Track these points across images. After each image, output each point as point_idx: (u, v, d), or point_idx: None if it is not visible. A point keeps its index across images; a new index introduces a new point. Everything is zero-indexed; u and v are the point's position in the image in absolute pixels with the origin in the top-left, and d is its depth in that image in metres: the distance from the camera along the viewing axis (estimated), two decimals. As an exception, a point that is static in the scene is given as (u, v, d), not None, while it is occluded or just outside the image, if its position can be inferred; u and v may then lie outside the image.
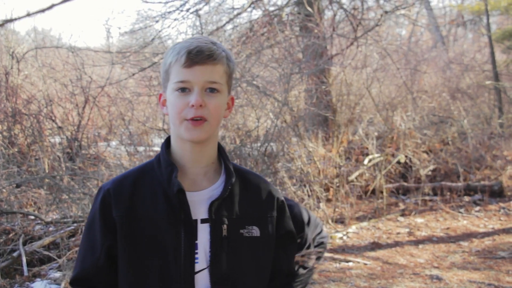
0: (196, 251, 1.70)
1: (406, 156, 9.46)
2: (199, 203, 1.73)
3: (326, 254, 6.57)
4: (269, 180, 3.82)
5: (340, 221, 8.04)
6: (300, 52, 10.24)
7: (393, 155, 9.49)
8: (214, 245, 1.71)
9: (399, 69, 11.18)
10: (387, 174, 9.41)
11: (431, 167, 9.35)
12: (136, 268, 1.69)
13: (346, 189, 8.67)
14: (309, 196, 7.69)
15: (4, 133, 8.88)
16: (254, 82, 8.40)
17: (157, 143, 10.19)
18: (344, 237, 7.43)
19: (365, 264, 6.41)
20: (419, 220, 8.29)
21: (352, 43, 10.98)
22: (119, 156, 9.22)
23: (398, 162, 9.48)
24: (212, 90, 1.68)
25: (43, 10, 7.99)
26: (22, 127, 8.71)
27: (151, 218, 1.70)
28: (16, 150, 8.32)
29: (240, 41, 9.47)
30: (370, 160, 9.26)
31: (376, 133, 10.20)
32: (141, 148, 9.66)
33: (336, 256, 6.62)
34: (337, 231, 7.56)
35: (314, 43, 9.42)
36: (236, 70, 8.33)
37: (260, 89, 8.17)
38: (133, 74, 9.94)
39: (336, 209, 8.32)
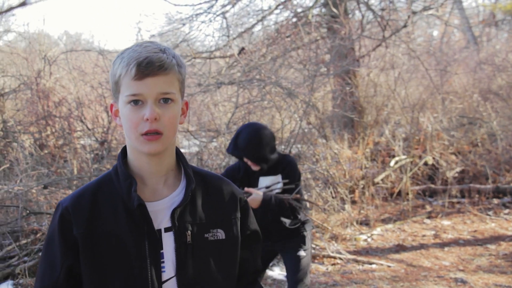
0: (162, 260, 1.68)
1: (433, 158, 9.34)
2: (161, 212, 1.70)
3: (349, 256, 6.55)
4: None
5: (365, 223, 7.98)
6: (326, 54, 10.21)
7: (420, 157, 9.38)
8: (180, 253, 1.69)
9: (427, 70, 11.04)
10: (414, 176, 9.31)
11: (458, 169, 9.21)
12: (101, 284, 1.65)
13: (372, 191, 8.60)
14: (333, 197, 7.65)
15: (36, 135, 9.08)
16: (280, 83, 8.39)
17: (185, 144, 10.25)
18: (369, 239, 7.38)
19: (389, 266, 6.35)
20: (446, 222, 8.17)
21: (379, 44, 10.90)
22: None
23: (425, 164, 9.37)
24: (166, 100, 1.64)
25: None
26: (53, 129, 8.86)
27: (113, 233, 1.66)
28: (46, 151, 8.48)
29: (264, 43, 9.48)
30: (396, 162, 9.17)
31: (403, 135, 10.11)
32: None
33: (359, 258, 6.56)
34: (361, 233, 7.51)
35: (340, 45, 9.36)
36: (261, 72, 8.37)
37: (285, 91, 8.15)
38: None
39: (361, 211, 8.27)
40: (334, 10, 9.98)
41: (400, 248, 7.08)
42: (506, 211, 8.67)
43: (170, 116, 1.63)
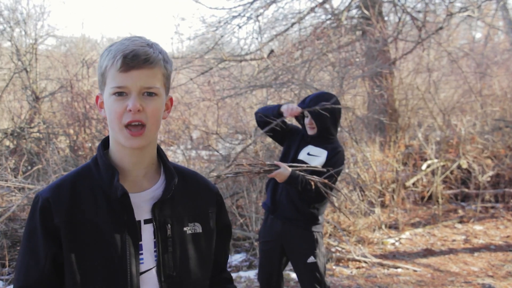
0: (140, 251, 1.70)
1: (467, 162, 9.16)
2: (141, 204, 1.72)
3: (374, 260, 6.49)
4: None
5: (394, 227, 7.88)
6: (360, 56, 10.15)
7: (454, 161, 9.21)
8: (159, 245, 1.71)
9: (463, 72, 10.83)
10: (446, 180, 9.15)
11: (491, 173, 9.01)
12: (81, 272, 1.66)
13: (403, 194, 8.49)
14: (361, 200, 7.58)
15: (73, 137, 9.29)
16: (311, 85, 8.37)
17: (221, 147, 10.32)
18: (396, 243, 7.27)
19: (415, 271, 6.25)
20: (478, 227, 8.01)
21: (415, 47, 10.75)
22: (182, 161, 9.35)
23: (459, 168, 9.20)
24: (150, 94, 1.65)
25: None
26: (87, 131, 9.05)
27: (93, 222, 1.67)
28: (80, 153, 8.67)
29: (296, 46, 9.47)
30: (428, 166, 9.03)
31: (438, 138, 9.95)
32: (204, 153, 9.84)
33: (385, 262, 6.47)
34: (389, 237, 7.42)
35: (370, 47, 9.29)
36: (292, 74, 8.37)
37: (316, 90, 8.11)
38: (191, 79, 10.11)
39: (391, 215, 8.17)
40: (366, 12, 9.91)
41: (428, 252, 6.97)
42: (542, 216, 8.44)
43: (153, 109, 1.65)
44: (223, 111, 9.79)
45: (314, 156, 3.88)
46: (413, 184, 8.94)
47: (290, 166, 3.75)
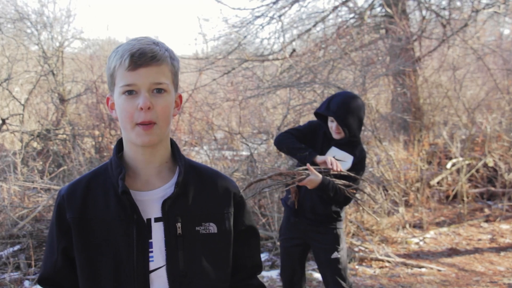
0: (151, 249, 1.71)
1: (493, 160, 9.03)
2: (152, 202, 1.73)
3: (398, 259, 6.44)
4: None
5: (418, 226, 7.80)
6: (383, 54, 10.08)
7: (479, 159, 9.09)
8: (169, 244, 1.72)
9: (489, 69, 10.68)
10: (472, 178, 9.03)
11: (517, 171, 8.87)
12: (90, 268, 1.71)
13: (427, 193, 8.40)
14: (385, 199, 7.52)
15: (99, 139, 9.40)
16: (335, 84, 8.34)
17: (245, 147, 10.34)
18: (421, 243, 7.20)
19: (439, 270, 6.19)
20: (505, 226, 7.88)
21: (440, 44, 10.65)
22: (205, 161, 9.38)
23: (485, 166, 9.07)
24: (159, 90, 1.68)
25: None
26: (112, 133, 9.14)
27: (103, 219, 1.71)
28: (106, 154, 8.77)
29: (318, 46, 9.44)
30: (453, 164, 8.93)
31: (463, 136, 9.83)
32: (229, 153, 9.87)
33: (409, 261, 6.42)
34: (414, 236, 7.35)
35: (393, 45, 9.22)
36: (314, 74, 8.35)
37: (339, 89, 8.07)
38: (214, 80, 10.15)
39: (415, 214, 8.10)
40: (389, 10, 9.83)
41: (453, 252, 6.89)
42: None
43: (163, 106, 1.68)
44: (246, 111, 9.81)
45: (340, 161, 3.79)
46: (438, 183, 8.84)
47: (319, 172, 3.68)
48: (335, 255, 3.87)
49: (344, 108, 3.73)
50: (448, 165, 8.94)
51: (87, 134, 9.48)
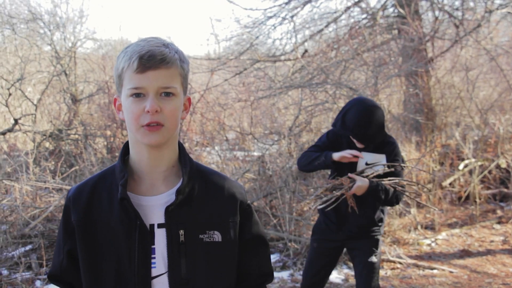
0: (153, 255, 1.69)
1: (506, 161, 8.97)
2: (156, 207, 1.71)
3: (410, 261, 6.41)
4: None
5: (430, 227, 7.76)
6: (396, 55, 10.06)
7: (492, 160, 9.04)
8: (171, 251, 1.69)
9: (503, 70, 10.61)
10: (485, 180, 8.98)
11: (529, 173, 8.81)
12: (93, 271, 1.70)
13: (439, 194, 8.37)
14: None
15: (111, 139, 9.44)
16: (347, 84, 8.34)
17: (257, 147, 10.35)
18: (432, 244, 7.17)
19: (451, 272, 6.16)
20: (517, 228, 7.84)
21: (452, 45, 10.60)
22: (217, 162, 9.39)
23: (498, 167, 9.02)
24: (168, 94, 1.65)
25: None
26: (124, 133, 9.16)
27: (107, 222, 1.70)
28: (118, 154, 8.79)
29: (330, 47, 9.44)
30: (466, 165, 8.88)
31: (476, 137, 9.78)
32: (240, 154, 9.87)
33: (421, 263, 6.39)
34: (425, 238, 7.31)
35: (406, 46, 9.19)
36: (327, 74, 8.35)
37: (351, 92, 8.07)
38: (226, 80, 10.17)
39: (427, 215, 8.06)
40: (402, 11, 9.80)
41: (465, 253, 6.85)
42: None
43: (171, 109, 1.65)
44: (258, 111, 9.81)
45: (375, 164, 3.66)
46: (450, 184, 8.80)
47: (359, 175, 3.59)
48: (372, 259, 3.78)
49: (361, 125, 3.56)
50: (461, 166, 8.90)
51: (99, 134, 9.53)
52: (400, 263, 6.40)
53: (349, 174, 3.56)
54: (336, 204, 3.51)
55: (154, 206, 1.71)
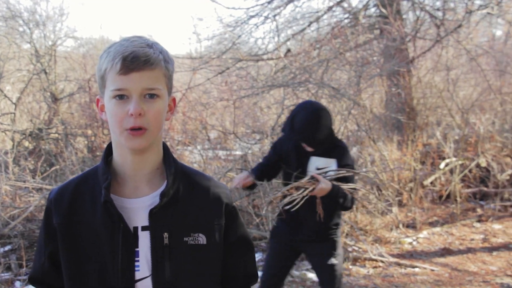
0: (137, 258, 1.66)
1: (486, 160, 9.08)
2: (140, 210, 1.68)
3: (391, 259, 6.46)
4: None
5: (412, 226, 7.83)
6: (378, 55, 10.11)
7: (472, 159, 9.14)
8: (155, 254, 1.66)
9: (483, 70, 10.73)
10: (465, 179, 9.08)
11: (510, 172, 8.91)
12: (75, 275, 1.68)
13: (420, 193, 8.44)
14: (378, 199, 7.54)
15: (91, 138, 9.38)
16: (329, 84, 8.36)
17: (239, 147, 10.34)
18: (414, 243, 7.24)
19: (432, 270, 6.23)
20: (497, 226, 7.93)
21: (433, 45, 10.69)
22: (199, 161, 9.36)
23: (478, 166, 9.12)
24: (152, 95, 1.62)
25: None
26: (105, 132, 9.12)
27: (90, 225, 1.67)
28: (99, 154, 8.74)
29: (313, 45, 9.47)
30: (447, 164, 8.97)
31: (456, 137, 9.87)
32: (222, 153, 9.86)
33: (402, 261, 6.45)
34: (407, 236, 7.38)
35: (388, 45, 9.26)
36: (309, 73, 8.37)
37: (333, 91, 8.10)
38: (208, 79, 10.15)
39: (408, 214, 8.13)
40: (384, 10, 9.87)
41: (446, 252, 6.92)
42: (562, 215, 8.33)
43: (155, 112, 1.62)
44: (240, 111, 9.80)
45: (325, 168, 3.64)
46: (431, 183, 8.88)
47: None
48: (331, 261, 3.76)
49: (309, 128, 3.55)
50: (441, 165, 8.99)
51: (80, 133, 9.46)
52: (382, 261, 6.44)
53: (313, 174, 3.52)
54: (299, 206, 3.48)
55: (138, 208, 1.69)
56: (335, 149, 3.70)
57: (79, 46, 13.39)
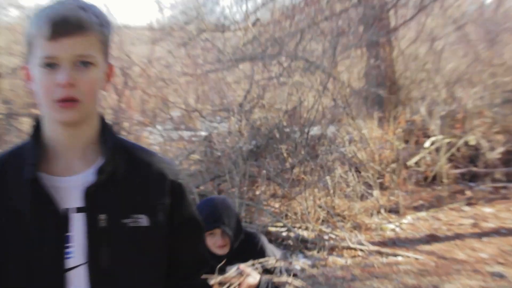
0: (69, 244, 1.58)
1: (475, 138, 9.07)
2: (73, 189, 1.59)
3: (372, 248, 6.42)
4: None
5: (395, 211, 7.85)
6: (355, 24, 10.07)
7: (460, 137, 9.12)
8: (91, 238, 1.58)
9: (471, 40, 10.74)
10: (452, 158, 9.09)
11: (501, 150, 8.92)
12: (4, 261, 1.58)
13: (404, 175, 8.41)
14: (357, 182, 7.46)
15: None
16: (303, 56, 8.30)
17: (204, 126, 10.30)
18: (397, 229, 7.26)
19: (417, 259, 6.23)
20: (488, 209, 7.97)
21: (417, 13, 10.68)
22: (159, 143, 9.27)
23: (466, 145, 9.10)
24: (85, 63, 1.53)
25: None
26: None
27: (16, 208, 1.57)
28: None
29: (285, 15, 9.40)
30: (432, 143, 8.94)
31: (442, 112, 9.85)
32: (186, 133, 9.74)
33: (384, 249, 6.47)
34: (389, 222, 7.42)
35: (366, 14, 9.22)
36: (281, 45, 8.25)
37: (306, 64, 8.01)
38: (169, 52, 10.10)
39: (391, 197, 8.12)
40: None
41: (432, 238, 6.94)
42: (558, 196, 8.39)
43: (89, 81, 1.54)
44: (206, 86, 9.74)
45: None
46: (416, 163, 8.89)
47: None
48: None
49: (218, 211, 3.34)
50: (427, 144, 9.02)
51: (25, 113, 9.23)
52: (361, 250, 6.43)
53: (240, 266, 3.24)
54: None
55: (71, 187, 1.59)
56: (252, 248, 3.44)
57: (25, 16, 13.16)
